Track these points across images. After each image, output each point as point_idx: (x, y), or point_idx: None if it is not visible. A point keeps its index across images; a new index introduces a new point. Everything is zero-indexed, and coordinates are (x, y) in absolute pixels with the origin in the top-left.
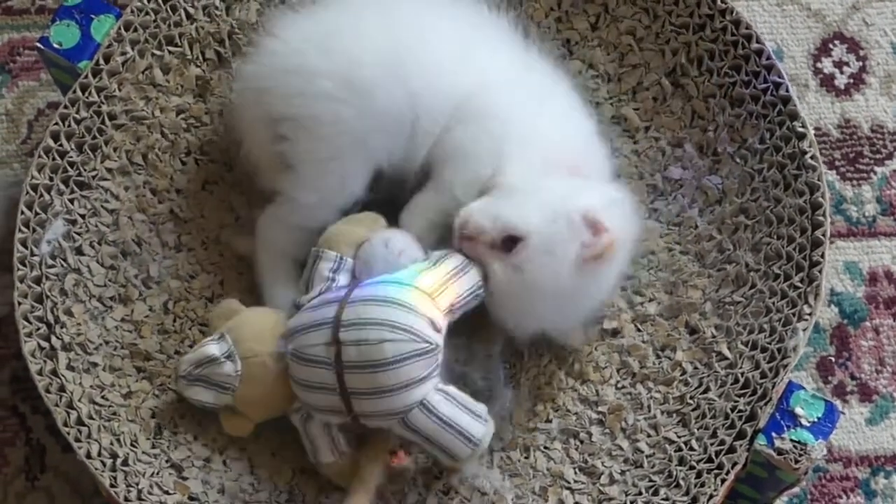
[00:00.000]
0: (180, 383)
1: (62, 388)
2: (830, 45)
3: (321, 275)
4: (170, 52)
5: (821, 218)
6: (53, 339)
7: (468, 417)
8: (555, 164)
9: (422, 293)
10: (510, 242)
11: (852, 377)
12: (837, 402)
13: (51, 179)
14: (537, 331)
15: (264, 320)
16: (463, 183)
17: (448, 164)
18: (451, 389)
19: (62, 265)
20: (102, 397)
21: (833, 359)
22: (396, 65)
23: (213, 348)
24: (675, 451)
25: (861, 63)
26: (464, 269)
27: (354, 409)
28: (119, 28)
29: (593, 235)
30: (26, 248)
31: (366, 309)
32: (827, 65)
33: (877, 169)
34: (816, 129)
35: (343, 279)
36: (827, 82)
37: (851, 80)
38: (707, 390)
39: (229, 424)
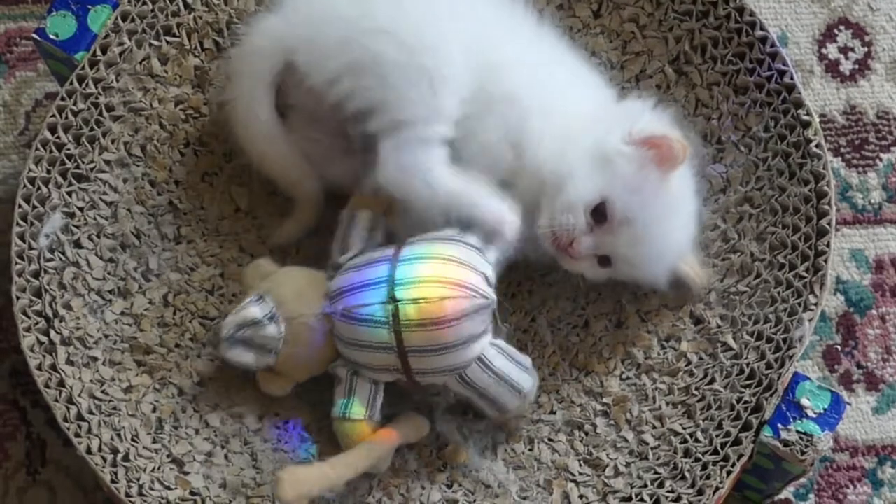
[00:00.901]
0: (222, 346)
1: (62, 383)
2: (835, 31)
3: (359, 233)
4: (167, 42)
5: (826, 207)
6: (52, 333)
7: (518, 370)
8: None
9: (473, 248)
10: (599, 214)
11: (858, 366)
12: (843, 392)
13: (48, 172)
14: (672, 269)
15: (304, 280)
16: (481, 167)
17: (468, 147)
18: (501, 342)
19: (60, 259)
20: (102, 392)
21: (839, 347)
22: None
23: (255, 310)
24: (681, 443)
25: (866, 49)
26: None
27: (412, 367)
28: (116, 18)
29: (656, 149)
30: (24, 241)
31: (422, 266)
32: (832, 50)
33: (882, 155)
34: (821, 115)
35: (380, 237)
36: (832, 68)
37: (857, 66)
38: (712, 381)
39: (267, 384)
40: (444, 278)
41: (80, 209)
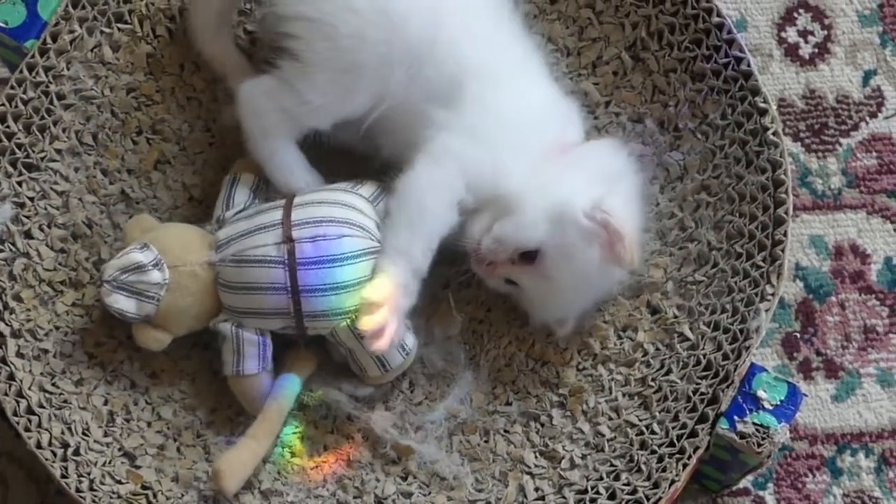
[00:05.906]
0: (103, 289)
1: (11, 377)
2: (795, 14)
3: (243, 192)
4: (119, 29)
5: (783, 195)
6: (2, 325)
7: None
8: (549, 150)
9: (364, 198)
10: (528, 256)
11: (818, 353)
12: (802, 380)
13: None
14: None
15: (187, 232)
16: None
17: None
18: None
19: (11, 249)
20: (53, 385)
21: (798, 335)
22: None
23: (138, 255)
24: (637, 435)
25: (826, 32)
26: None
27: (303, 309)
28: (66, 5)
29: (607, 234)
30: None
31: (320, 209)
32: (791, 34)
33: (842, 140)
34: (781, 99)
35: (261, 199)
36: (791, 52)
37: (816, 50)
38: (669, 372)
39: (144, 337)
40: (342, 218)
41: (31, 199)
